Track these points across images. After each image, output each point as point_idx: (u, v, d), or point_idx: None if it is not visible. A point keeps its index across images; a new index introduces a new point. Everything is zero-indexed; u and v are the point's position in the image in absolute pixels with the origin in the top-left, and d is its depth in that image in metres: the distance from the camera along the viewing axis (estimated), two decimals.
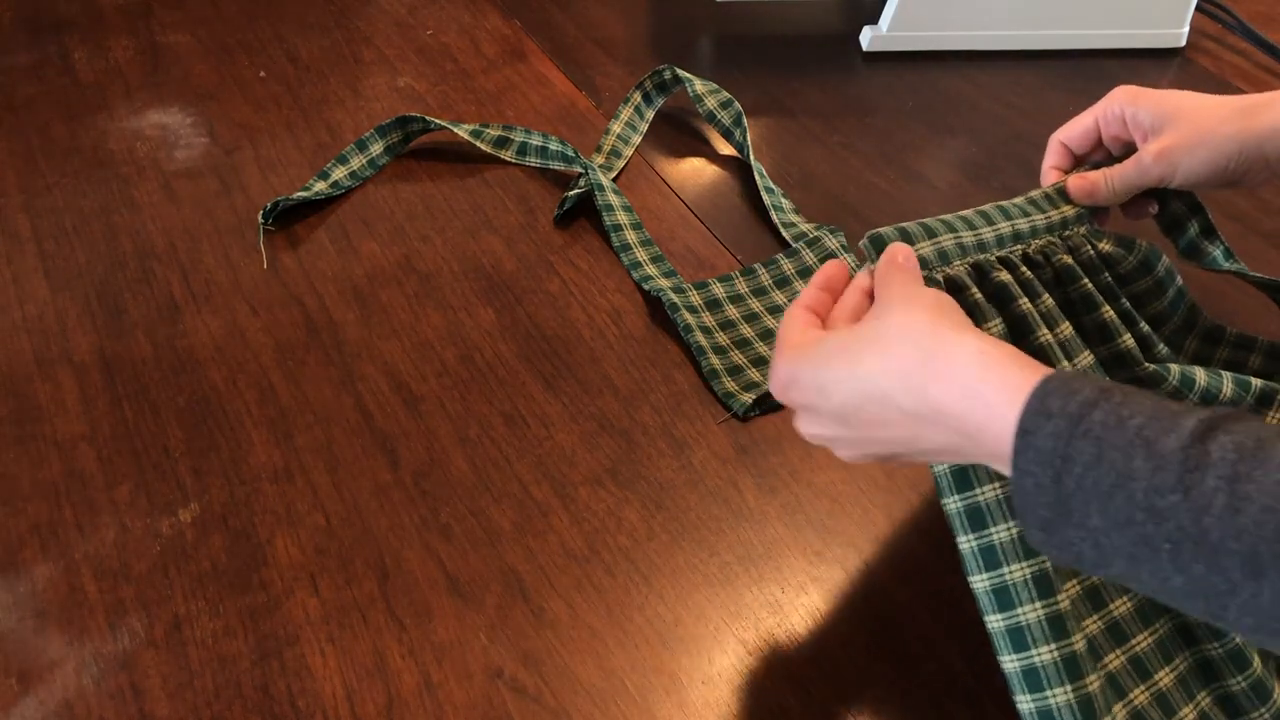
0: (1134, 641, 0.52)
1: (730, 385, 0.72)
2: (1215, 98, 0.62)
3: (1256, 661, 0.52)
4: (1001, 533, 0.49)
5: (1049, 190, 0.62)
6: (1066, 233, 0.60)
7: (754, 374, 0.74)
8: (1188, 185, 0.62)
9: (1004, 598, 0.49)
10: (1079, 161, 0.66)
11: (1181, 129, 0.61)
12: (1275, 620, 0.36)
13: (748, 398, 0.71)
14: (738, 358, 0.75)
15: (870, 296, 0.51)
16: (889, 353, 0.45)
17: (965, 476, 0.50)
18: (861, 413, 0.46)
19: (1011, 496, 0.42)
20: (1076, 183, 0.62)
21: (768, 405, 0.72)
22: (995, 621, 0.49)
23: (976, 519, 0.50)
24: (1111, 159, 0.65)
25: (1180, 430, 0.38)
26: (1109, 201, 0.63)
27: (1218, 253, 0.66)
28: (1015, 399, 0.41)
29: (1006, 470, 0.42)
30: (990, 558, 0.49)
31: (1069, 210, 0.61)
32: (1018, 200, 0.60)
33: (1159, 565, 0.37)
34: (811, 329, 0.50)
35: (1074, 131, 0.65)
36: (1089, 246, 0.60)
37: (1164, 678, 0.52)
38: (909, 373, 0.44)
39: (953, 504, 0.50)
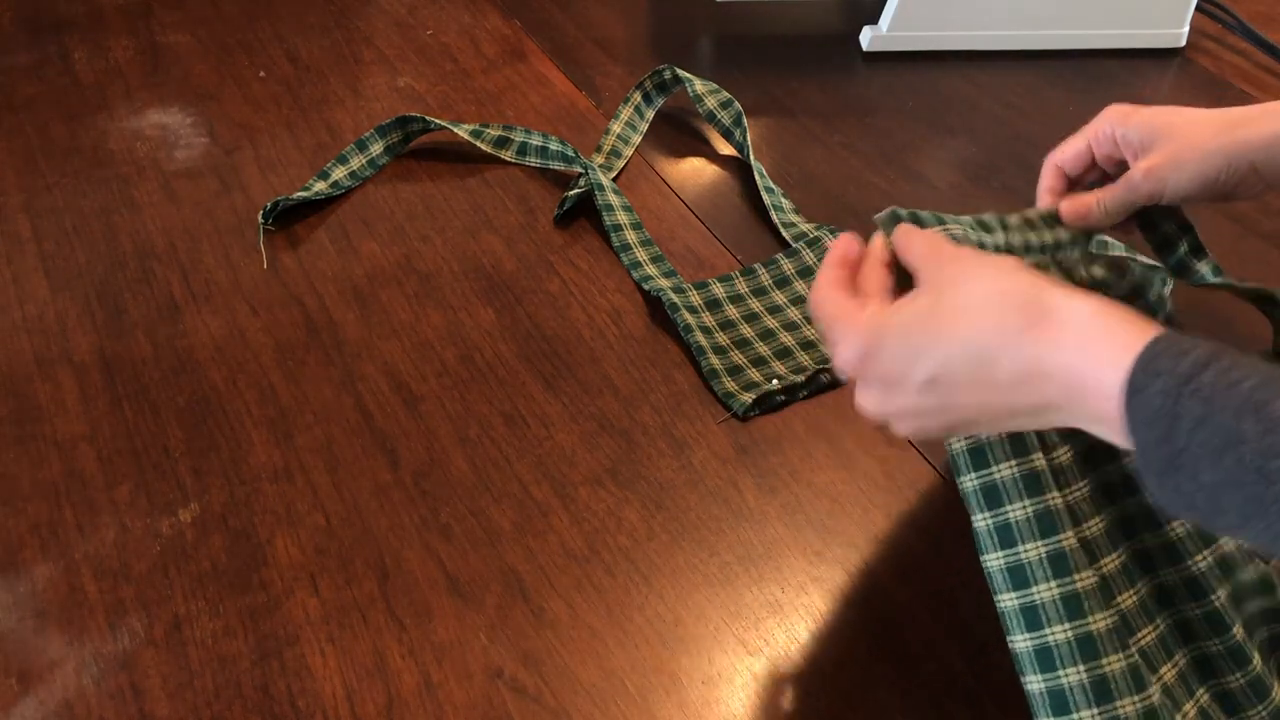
0: (1139, 635, 0.52)
1: (730, 385, 0.72)
2: (1204, 112, 0.61)
3: (1256, 659, 0.52)
4: (1017, 511, 0.49)
5: (1043, 212, 0.62)
6: (1059, 255, 0.60)
7: (754, 374, 0.74)
8: (1178, 200, 0.62)
9: (1019, 576, 0.49)
10: (1074, 184, 0.66)
11: (1169, 145, 0.61)
12: None
13: (748, 398, 0.71)
14: (738, 358, 0.75)
15: (889, 268, 0.52)
16: (989, 316, 0.46)
17: (982, 454, 0.50)
18: (955, 378, 0.46)
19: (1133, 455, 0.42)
20: (1069, 206, 0.62)
21: (768, 405, 0.72)
22: (1008, 600, 0.49)
23: (992, 496, 0.50)
24: (1107, 179, 0.65)
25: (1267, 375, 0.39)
26: (1103, 223, 0.63)
27: (1206, 270, 0.66)
28: (1123, 359, 0.42)
29: (1107, 434, 0.43)
30: (1006, 535, 0.49)
31: (1063, 234, 0.61)
32: (1013, 216, 0.60)
33: (1270, 523, 0.38)
34: (859, 302, 0.50)
35: (1067, 154, 0.65)
36: (1082, 270, 0.60)
37: (1167, 673, 0.52)
38: (1015, 334, 0.45)
39: (969, 482, 0.50)
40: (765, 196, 0.87)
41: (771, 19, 1.13)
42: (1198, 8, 1.08)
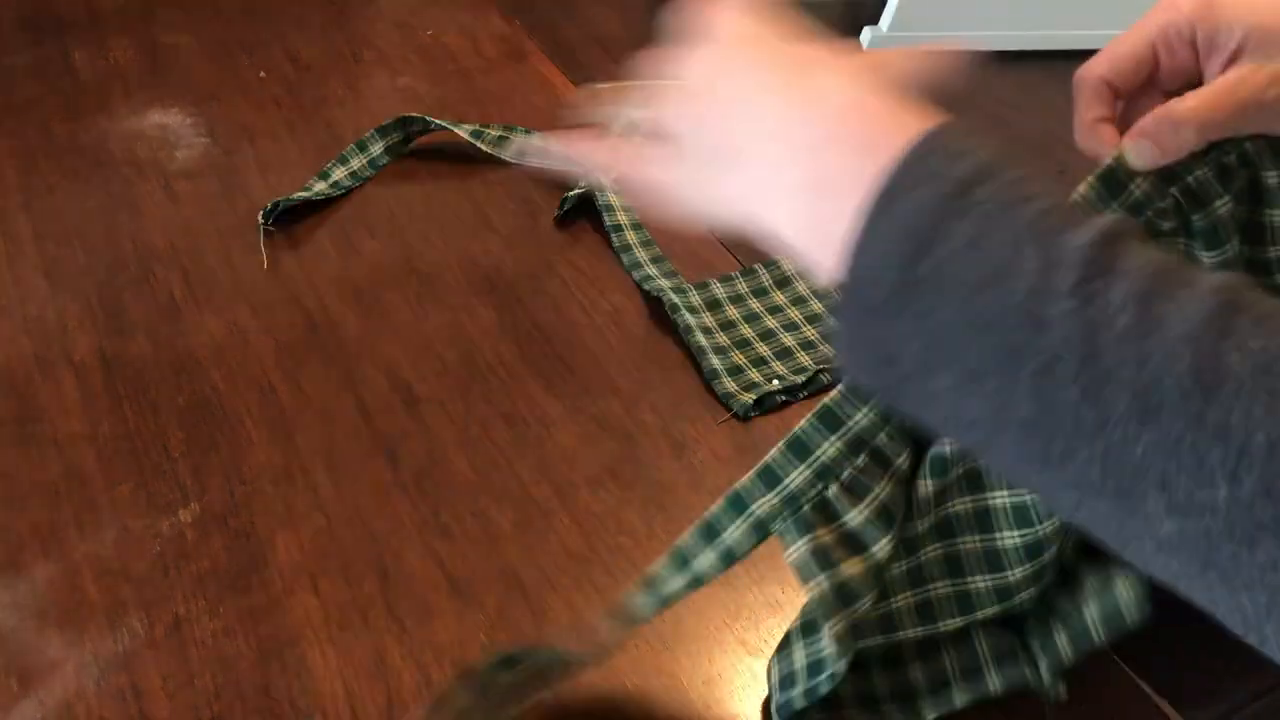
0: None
1: (731, 385, 0.72)
2: None
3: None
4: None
5: (1097, 176, 0.45)
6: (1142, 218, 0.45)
7: (755, 374, 0.74)
8: None
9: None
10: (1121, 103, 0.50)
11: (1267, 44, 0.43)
12: (1131, 476, 0.28)
13: (748, 398, 0.71)
14: (738, 358, 0.75)
15: None
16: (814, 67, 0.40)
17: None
18: (745, 79, 0.39)
19: (843, 267, 0.33)
20: (1141, 137, 0.44)
21: (768, 405, 0.72)
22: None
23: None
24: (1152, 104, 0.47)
25: (1090, 226, 0.30)
26: (1184, 151, 0.44)
27: None
28: (897, 141, 0.33)
29: (821, 248, 0.34)
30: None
31: (1137, 187, 0.45)
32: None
33: (1011, 386, 0.29)
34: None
35: (1120, 63, 0.49)
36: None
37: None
38: (818, 79, 0.39)
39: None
40: None
41: None
42: None
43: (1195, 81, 0.46)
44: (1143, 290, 0.29)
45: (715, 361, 0.74)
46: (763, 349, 0.76)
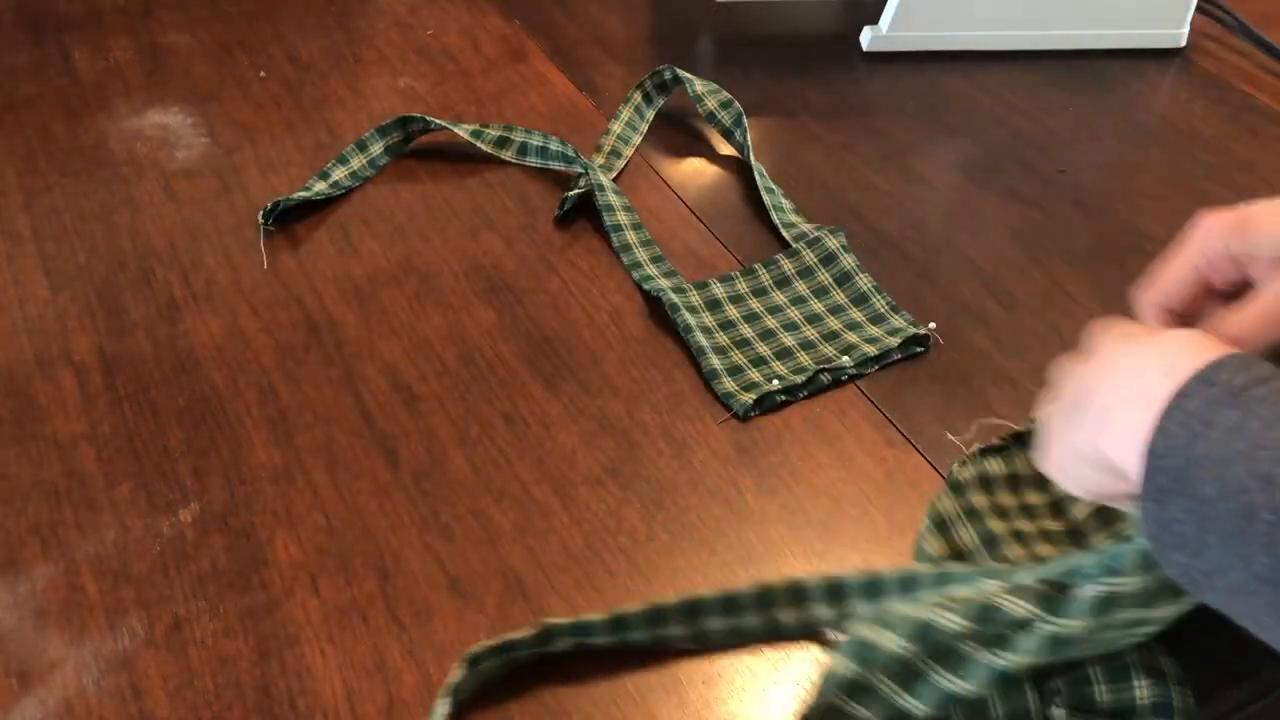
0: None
1: (730, 385, 0.72)
2: None
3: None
4: None
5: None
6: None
7: (754, 374, 0.74)
8: None
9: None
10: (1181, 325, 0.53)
11: None
12: None
13: (748, 398, 0.71)
14: (738, 358, 0.75)
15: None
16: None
17: None
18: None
19: (1145, 457, 0.38)
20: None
21: (768, 405, 0.72)
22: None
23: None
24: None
25: None
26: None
27: None
28: (1199, 364, 0.39)
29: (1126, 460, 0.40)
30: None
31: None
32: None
33: (1250, 543, 0.34)
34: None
35: (1171, 290, 0.52)
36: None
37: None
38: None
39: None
40: (765, 197, 0.87)
41: (771, 19, 1.13)
42: (1198, 8, 1.08)
43: (1247, 283, 0.50)
44: None
45: (715, 361, 0.74)
46: (762, 349, 0.76)
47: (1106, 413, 0.42)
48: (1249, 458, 0.35)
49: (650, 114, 0.97)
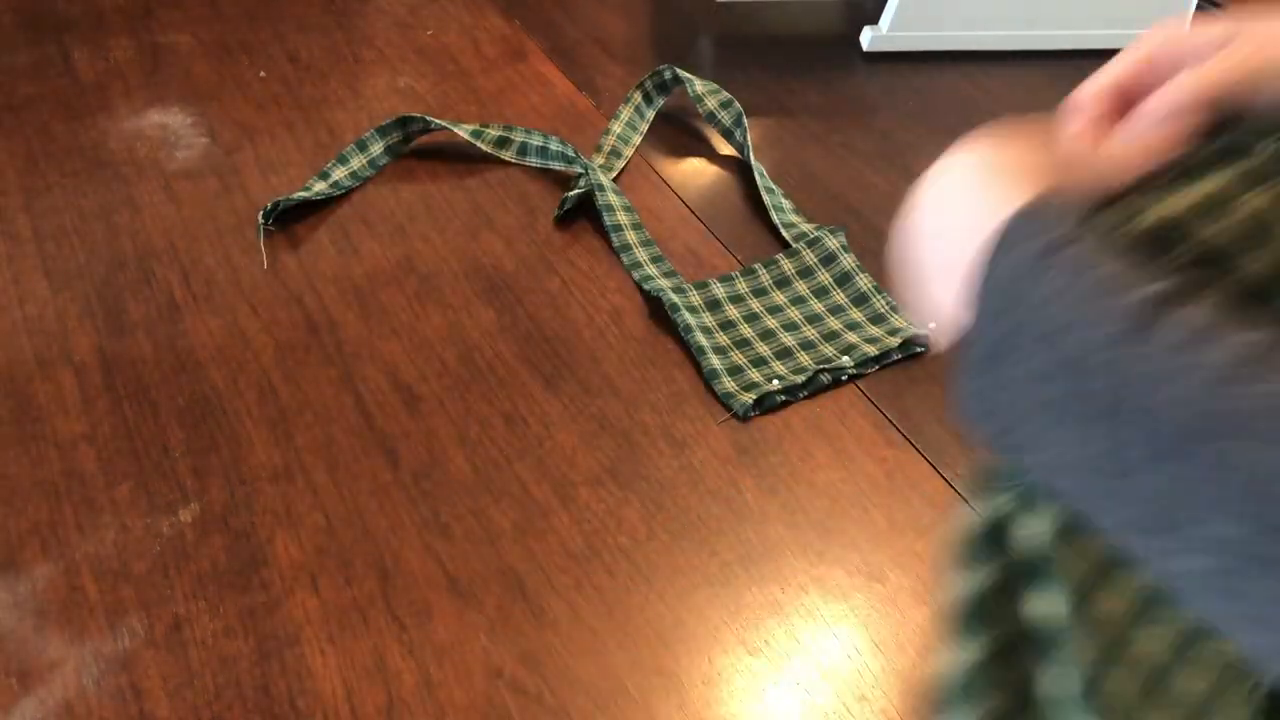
0: None
1: (730, 385, 0.72)
2: None
3: None
4: None
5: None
6: None
7: (754, 374, 0.74)
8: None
9: None
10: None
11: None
12: (1157, 516, 0.30)
13: (748, 398, 0.71)
14: (738, 358, 0.75)
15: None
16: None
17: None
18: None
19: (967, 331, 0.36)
20: (1134, 141, 0.44)
21: (768, 405, 0.72)
22: None
23: None
24: None
25: (1145, 289, 0.32)
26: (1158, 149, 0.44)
27: None
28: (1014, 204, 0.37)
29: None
30: None
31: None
32: None
33: (1065, 430, 0.33)
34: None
35: (1124, 71, 0.46)
36: None
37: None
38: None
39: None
40: (765, 197, 0.87)
41: (771, 19, 1.13)
42: (1198, 8, 1.08)
43: None
44: (1179, 341, 0.31)
45: (715, 361, 0.74)
46: (762, 349, 0.76)
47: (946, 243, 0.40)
48: (1060, 340, 0.33)
49: (650, 114, 0.97)
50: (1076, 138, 0.49)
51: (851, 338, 0.76)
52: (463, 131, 0.92)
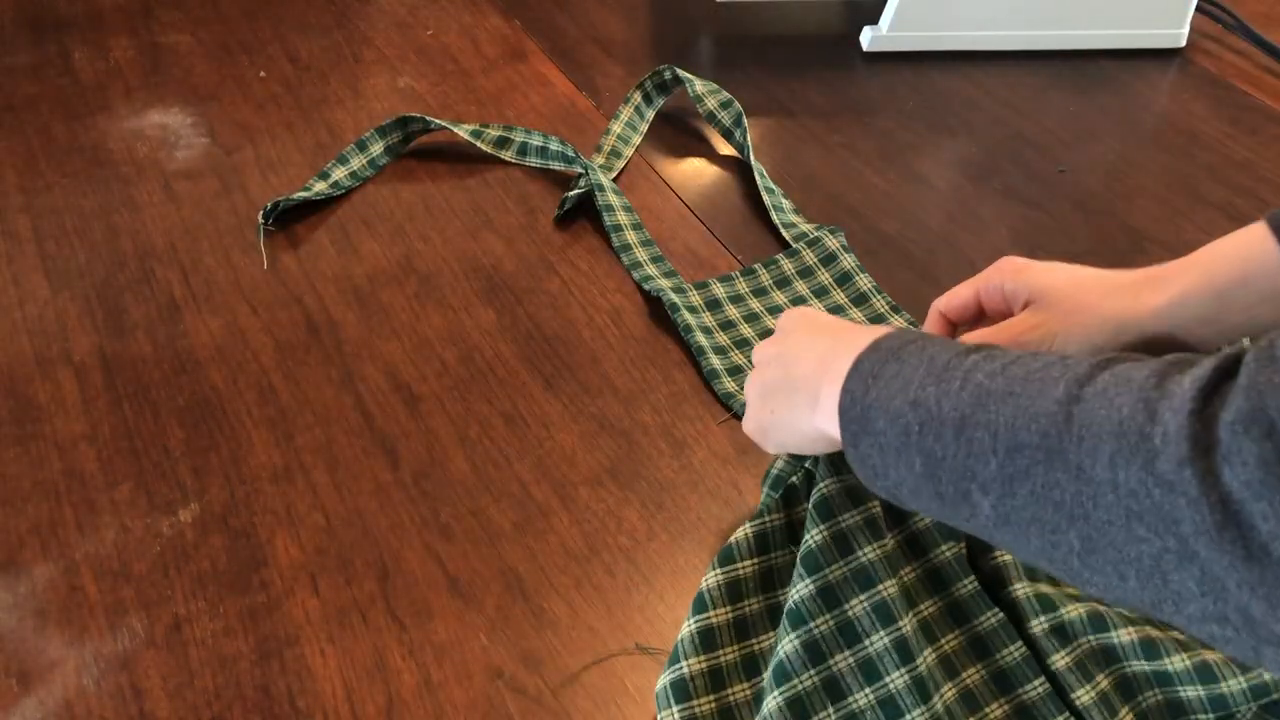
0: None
1: (730, 385, 0.72)
2: (1100, 273, 0.60)
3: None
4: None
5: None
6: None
7: None
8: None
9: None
10: (956, 332, 0.65)
11: (1058, 306, 0.59)
12: (966, 479, 0.42)
13: None
14: (738, 358, 0.75)
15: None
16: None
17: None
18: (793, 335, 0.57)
19: (839, 415, 0.49)
20: None
21: None
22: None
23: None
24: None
25: (959, 349, 0.46)
26: None
27: None
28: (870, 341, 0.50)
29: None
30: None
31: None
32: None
33: (909, 452, 0.44)
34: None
35: (954, 303, 0.64)
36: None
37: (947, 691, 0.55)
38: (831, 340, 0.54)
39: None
40: (765, 197, 0.87)
41: (771, 19, 1.13)
42: (1198, 8, 1.08)
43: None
44: (969, 367, 0.45)
45: (715, 361, 0.74)
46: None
47: (816, 396, 0.52)
48: (904, 393, 0.45)
49: (650, 114, 0.97)
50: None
51: None
52: (462, 131, 0.92)
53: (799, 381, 0.53)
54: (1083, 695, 0.54)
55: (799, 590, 0.54)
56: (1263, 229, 0.55)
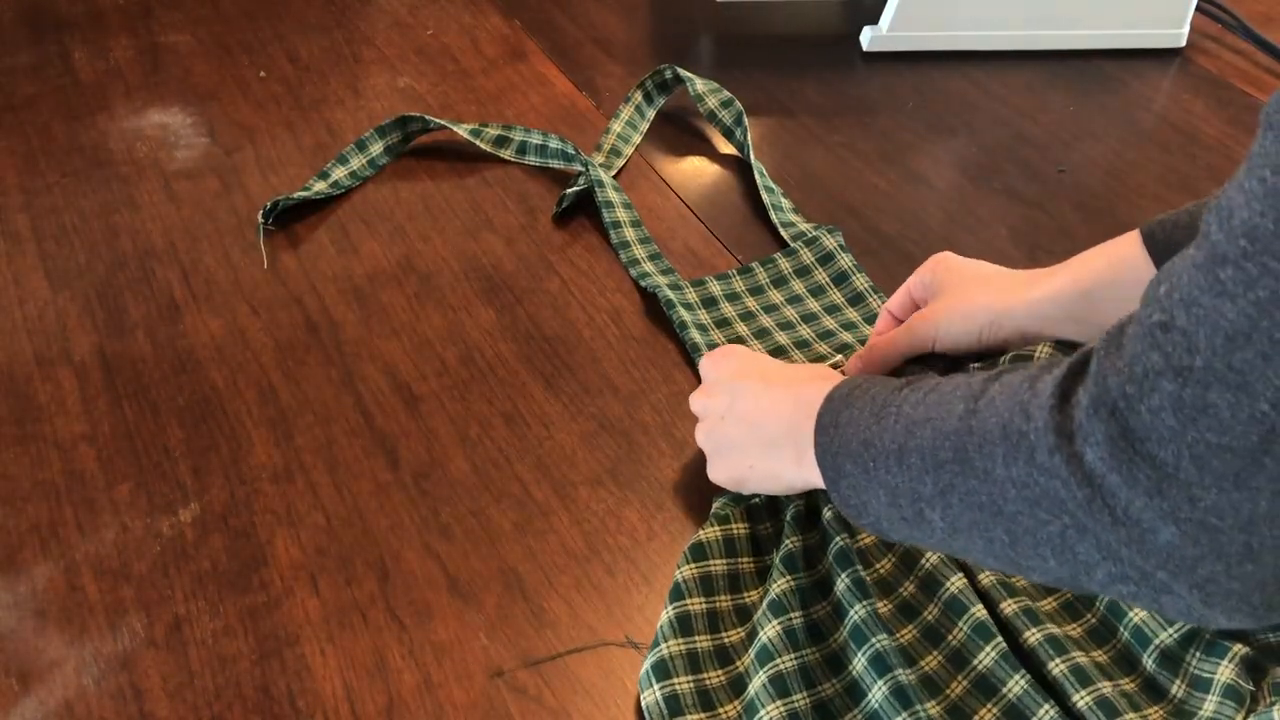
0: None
1: None
2: (1002, 270, 0.65)
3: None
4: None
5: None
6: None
7: None
8: (951, 349, 0.65)
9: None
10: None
11: (950, 295, 0.65)
12: (916, 490, 0.46)
13: None
14: None
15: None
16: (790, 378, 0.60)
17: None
18: (748, 396, 0.59)
19: (819, 467, 0.53)
20: (853, 361, 0.68)
21: None
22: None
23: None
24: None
25: (895, 385, 0.50)
26: (884, 368, 0.66)
27: None
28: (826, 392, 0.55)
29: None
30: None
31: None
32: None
33: (873, 484, 0.48)
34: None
35: (895, 301, 0.69)
36: None
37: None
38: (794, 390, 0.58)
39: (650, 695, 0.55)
40: (765, 196, 0.87)
41: (771, 19, 1.13)
42: (1198, 8, 1.08)
43: None
44: (900, 400, 0.49)
45: None
46: (757, 348, 0.76)
47: (799, 451, 0.55)
48: (857, 435, 0.49)
49: (651, 113, 0.97)
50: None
51: (846, 336, 0.76)
52: (462, 131, 0.92)
53: (778, 439, 0.57)
54: (1053, 668, 0.53)
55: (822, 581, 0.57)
56: (1134, 237, 0.60)
